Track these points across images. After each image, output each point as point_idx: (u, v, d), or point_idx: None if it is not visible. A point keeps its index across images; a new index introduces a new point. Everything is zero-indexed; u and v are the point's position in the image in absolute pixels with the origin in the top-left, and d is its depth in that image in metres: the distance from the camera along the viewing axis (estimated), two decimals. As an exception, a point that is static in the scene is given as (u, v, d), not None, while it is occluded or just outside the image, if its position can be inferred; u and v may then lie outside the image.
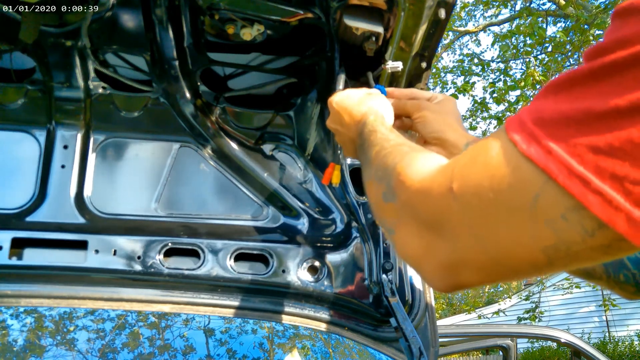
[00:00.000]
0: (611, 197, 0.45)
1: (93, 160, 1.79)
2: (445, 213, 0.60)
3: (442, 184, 0.60)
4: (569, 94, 0.49)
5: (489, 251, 0.56)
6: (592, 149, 0.46)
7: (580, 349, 2.95)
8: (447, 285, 0.63)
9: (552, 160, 0.48)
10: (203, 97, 1.78)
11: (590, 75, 0.47)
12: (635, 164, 0.44)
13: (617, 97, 0.44)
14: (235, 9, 1.45)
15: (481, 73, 11.69)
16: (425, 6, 1.27)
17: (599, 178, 0.45)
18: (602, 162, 0.45)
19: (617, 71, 0.45)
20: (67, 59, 1.63)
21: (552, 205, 0.49)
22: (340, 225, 1.87)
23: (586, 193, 0.46)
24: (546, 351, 12.47)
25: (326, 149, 1.83)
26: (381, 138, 0.90)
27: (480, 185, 0.55)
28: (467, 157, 0.59)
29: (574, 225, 0.48)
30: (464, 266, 0.60)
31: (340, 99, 1.16)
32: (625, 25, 0.46)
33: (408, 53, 1.40)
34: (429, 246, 0.63)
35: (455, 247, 0.59)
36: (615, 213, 0.45)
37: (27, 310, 1.77)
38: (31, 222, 1.72)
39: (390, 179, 0.73)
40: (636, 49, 0.44)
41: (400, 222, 0.69)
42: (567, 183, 0.47)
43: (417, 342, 1.58)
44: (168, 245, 1.77)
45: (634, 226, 0.44)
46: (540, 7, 11.00)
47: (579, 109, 0.47)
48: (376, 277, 1.77)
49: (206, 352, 1.84)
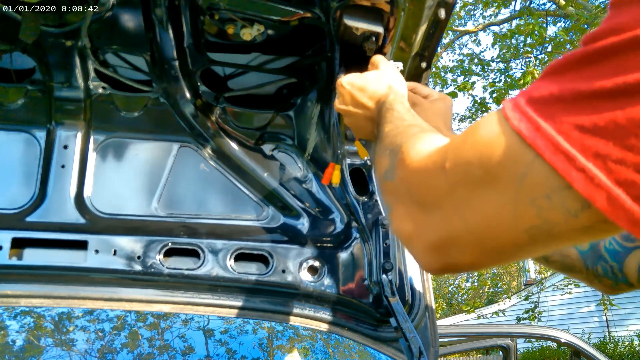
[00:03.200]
0: (593, 174, 0.46)
1: (93, 160, 1.79)
2: (436, 191, 0.61)
3: (436, 162, 0.62)
4: (562, 76, 0.50)
5: (474, 230, 0.57)
6: (578, 128, 0.47)
7: (580, 349, 2.95)
8: (436, 265, 0.65)
9: (540, 137, 0.49)
10: (203, 97, 1.78)
11: (583, 58, 0.49)
12: (618, 144, 0.45)
13: (603, 80, 0.46)
14: (235, 9, 1.45)
15: (481, 73, 11.70)
16: (425, 6, 1.27)
17: (583, 155, 0.47)
18: (587, 140, 0.46)
19: (606, 56, 0.47)
20: (67, 59, 1.63)
21: (538, 184, 0.50)
22: (340, 225, 1.87)
23: (570, 170, 0.47)
24: (546, 351, 12.46)
25: (326, 149, 1.83)
26: (396, 117, 0.92)
27: (470, 162, 0.56)
28: (461, 136, 0.60)
29: (558, 206, 0.49)
30: (451, 246, 0.61)
31: (351, 79, 1.15)
32: (619, 13, 0.48)
33: (408, 53, 1.40)
34: (419, 225, 0.64)
35: (443, 227, 0.60)
36: (597, 190, 0.46)
37: (27, 311, 1.77)
38: (31, 222, 1.72)
39: (394, 158, 0.74)
40: (625, 36, 0.46)
41: (396, 201, 0.71)
42: (553, 159, 0.48)
43: (417, 342, 1.58)
44: (168, 245, 1.77)
45: (613, 204, 0.46)
46: (540, 7, 11.01)
47: (568, 89, 0.49)
48: (376, 277, 1.77)
49: (206, 352, 1.84)
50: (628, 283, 0.98)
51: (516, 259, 0.61)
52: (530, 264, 16.41)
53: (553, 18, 11.23)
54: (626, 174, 0.45)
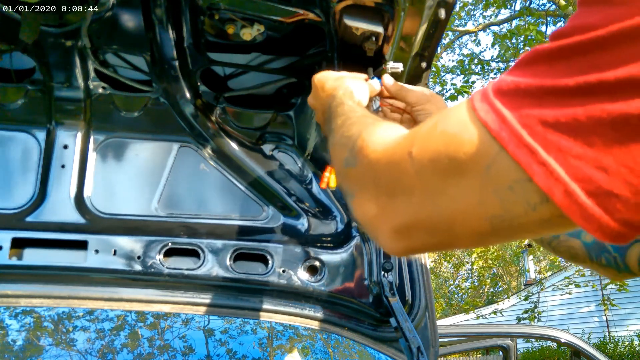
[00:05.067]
0: (553, 168, 0.47)
1: (93, 160, 1.79)
2: (401, 177, 0.62)
3: (403, 148, 0.62)
4: (528, 70, 0.51)
5: (438, 216, 0.58)
6: (542, 122, 0.48)
7: (580, 349, 2.95)
8: (399, 248, 0.66)
9: (505, 129, 0.50)
10: (203, 97, 1.78)
11: (549, 54, 0.50)
12: (578, 140, 0.46)
13: (567, 77, 0.47)
14: (235, 9, 1.45)
15: (481, 73, 11.70)
16: (425, 6, 1.27)
17: (545, 150, 0.48)
18: (550, 135, 0.47)
19: (570, 54, 0.48)
20: (67, 59, 1.63)
21: (502, 175, 0.51)
22: (340, 225, 1.87)
23: (532, 163, 0.48)
24: (546, 351, 12.46)
25: (326, 149, 1.83)
26: (348, 110, 0.94)
27: (437, 150, 0.57)
28: (429, 123, 0.61)
29: (519, 198, 0.50)
30: (414, 229, 0.62)
31: (320, 76, 1.20)
32: (586, 12, 0.49)
33: (408, 53, 1.40)
34: (384, 209, 0.65)
35: (407, 210, 0.61)
36: (555, 184, 0.47)
37: (27, 310, 1.77)
38: (31, 222, 1.72)
39: (354, 145, 0.75)
40: (589, 35, 0.47)
41: (359, 187, 0.72)
42: (516, 152, 0.49)
43: (416, 342, 1.58)
44: (168, 245, 1.77)
45: (569, 198, 0.46)
46: (540, 7, 11.01)
47: (535, 83, 0.50)
48: (376, 277, 1.77)
49: (206, 352, 1.84)
50: (631, 272, 1.00)
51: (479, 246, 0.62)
52: (531, 264, 16.41)
53: (553, 18, 11.22)
54: (584, 170, 0.46)
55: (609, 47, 0.45)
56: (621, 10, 0.45)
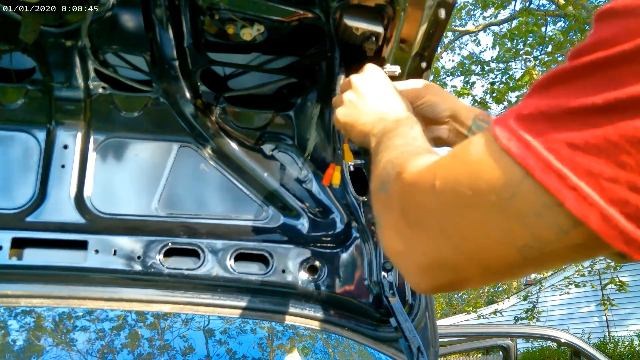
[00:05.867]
0: (586, 193, 0.45)
1: (93, 160, 1.79)
2: (426, 209, 0.60)
3: (426, 180, 0.61)
4: (549, 92, 0.49)
5: (464, 251, 0.56)
6: (569, 145, 0.46)
7: (580, 349, 2.95)
8: (426, 286, 0.64)
9: (530, 155, 0.48)
10: (203, 97, 1.78)
11: (571, 74, 0.48)
12: (610, 161, 0.44)
13: (593, 95, 0.45)
14: (235, 9, 1.45)
15: (481, 73, 11.70)
16: (425, 6, 1.27)
17: (575, 174, 0.46)
18: (579, 158, 0.45)
19: (595, 71, 0.46)
20: (67, 59, 1.63)
21: (528, 202, 0.49)
22: (340, 225, 1.87)
23: (562, 188, 0.46)
24: (546, 351, 12.47)
25: (326, 149, 1.83)
26: (413, 135, 0.88)
27: (459, 182, 0.55)
28: (451, 154, 0.60)
29: (549, 223, 0.48)
30: (440, 267, 0.60)
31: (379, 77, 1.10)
32: (604, 27, 0.47)
33: (408, 53, 1.40)
34: (409, 245, 0.64)
35: (432, 247, 0.59)
36: (590, 209, 0.45)
37: (27, 310, 1.77)
38: (31, 222, 1.72)
39: (393, 172, 0.73)
40: (613, 51, 0.45)
41: (387, 215, 0.70)
42: (544, 178, 0.47)
43: (416, 342, 1.58)
44: (168, 245, 1.77)
45: (607, 223, 0.44)
46: (540, 7, 11.01)
47: (558, 105, 0.48)
48: (376, 277, 1.77)
49: (206, 352, 1.84)
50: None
51: (510, 278, 0.60)
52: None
53: (553, 18, 11.22)
54: (619, 193, 0.44)
55: (637, 61, 0.43)
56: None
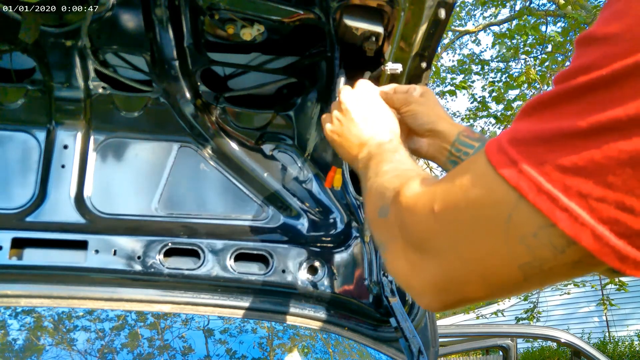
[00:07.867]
0: (577, 214, 0.47)
1: (93, 160, 1.79)
2: (428, 233, 0.62)
3: (425, 204, 0.63)
4: (540, 115, 0.51)
5: (473, 269, 0.58)
6: (559, 168, 0.48)
7: (580, 349, 2.95)
8: (436, 305, 0.65)
9: (523, 179, 0.50)
10: (203, 97, 1.78)
11: (557, 98, 0.50)
12: (598, 182, 0.46)
13: (578, 120, 0.47)
14: (235, 9, 1.45)
15: (480, 72, 11.70)
16: (425, 6, 1.27)
17: (566, 195, 0.47)
18: (569, 180, 0.47)
19: (577, 96, 0.48)
20: (67, 59, 1.63)
21: (524, 223, 0.51)
22: (340, 225, 1.87)
23: (554, 210, 0.48)
24: (546, 351, 12.47)
25: (326, 149, 1.83)
26: (399, 159, 0.92)
27: (458, 206, 0.57)
28: (448, 178, 0.62)
29: (545, 243, 0.50)
30: (446, 287, 0.62)
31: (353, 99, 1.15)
32: (585, 52, 0.49)
33: (408, 53, 1.40)
34: (414, 266, 0.65)
35: (436, 268, 0.61)
36: (581, 229, 0.47)
37: (27, 310, 1.77)
38: (31, 222, 1.72)
39: (390, 196, 0.75)
40: (592, 76, 0.47)
41: (391, 239, 0.72)
42: (537, 200, 0.49)
43: (417, 342, 1.58)
44: (168, 245, 1.77)
45: (599, 242, 0.46)
46: (540, 7, 11.00)
47: (547, 129, 0.50)
48: (376, 277, 1.77)
49: (206, 353, 1.84)
50: None
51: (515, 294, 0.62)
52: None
53: (553, 18, 11.22)
54: (608, 212, 0.45)
55: (614, 85, 0.45)
56: (619, 47, 0.45)
